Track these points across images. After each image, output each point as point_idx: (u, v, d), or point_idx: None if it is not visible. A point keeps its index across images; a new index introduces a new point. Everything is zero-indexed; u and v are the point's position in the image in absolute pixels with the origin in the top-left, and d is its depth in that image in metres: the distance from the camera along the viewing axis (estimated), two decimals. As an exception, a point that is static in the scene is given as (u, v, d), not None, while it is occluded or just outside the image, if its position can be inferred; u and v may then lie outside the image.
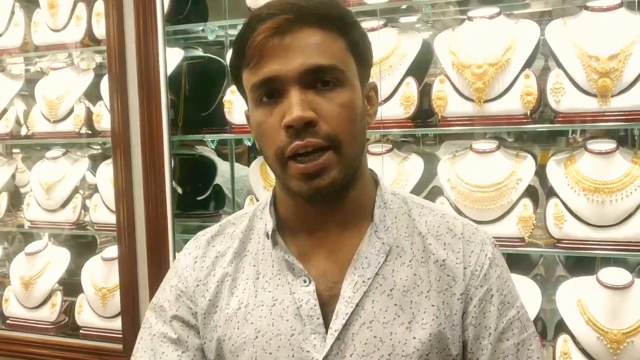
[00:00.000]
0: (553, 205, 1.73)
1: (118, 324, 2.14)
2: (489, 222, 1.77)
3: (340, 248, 0.92)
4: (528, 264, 2.01)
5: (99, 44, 2.25)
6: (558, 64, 1.73)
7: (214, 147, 2.29)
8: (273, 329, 0.91)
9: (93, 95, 2.32)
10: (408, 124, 1.86)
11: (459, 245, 0.94)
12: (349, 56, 0.89)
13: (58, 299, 2.31)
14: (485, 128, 1.83)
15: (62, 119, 2.33)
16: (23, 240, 2.63)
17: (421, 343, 0.87)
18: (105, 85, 2.16)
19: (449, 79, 1.82)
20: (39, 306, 2.32)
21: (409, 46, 1.88)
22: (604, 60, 1.63)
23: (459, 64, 1.78)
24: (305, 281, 0.91)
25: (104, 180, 2.26)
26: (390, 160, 1.92)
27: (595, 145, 1.71)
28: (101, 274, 2.25)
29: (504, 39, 1.76)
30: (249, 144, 2.36)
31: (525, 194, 1.76)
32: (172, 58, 2.10)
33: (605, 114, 1.65)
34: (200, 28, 2.18)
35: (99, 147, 2.60)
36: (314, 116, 0.84)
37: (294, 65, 0.84)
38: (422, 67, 1.94)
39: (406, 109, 1.84)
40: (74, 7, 2.30)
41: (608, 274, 1.66)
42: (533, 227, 1.74)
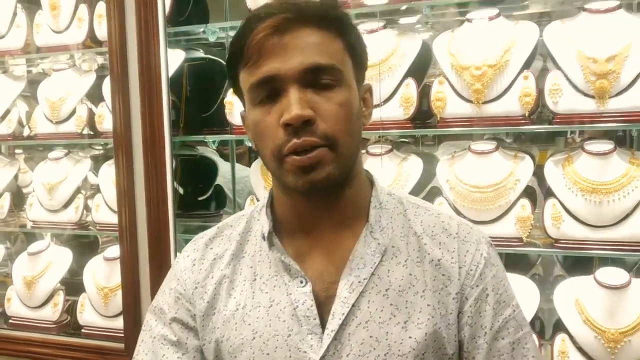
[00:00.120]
0: (551, 205, 1.74)
1: (120, 323, 2.15)
2: (487, 223, 1.78)
3: (336, 248, 0.93)
4: (526, 263, 2.02)
5: (100, 46, 2.25)
6: (556, 66, 1.73)
7: (215, 148, 2.30)
8: (270, 329, 0.91)
9: (95, 96, 2.32)
10: (407, 125, 1.87)
11: (454, 245, 0.94)
12: (347, 57, 0.90)
13: (60, 298, 2.32)
14: (484, 129, 1.84)
15: (64, 120, 2.34)
16: (25, 240, 2.64)
17: (417, 342, 0.88)
18: (107, 87, 2.17)
19: (448, 80, 1.82)
20: (41, 305, 2.33)
21: (408, 47, 1.89)
22: (601, 62, 1.64)
23: (458, 65, 1.79)
24: (301, 282, 0.91)
25: (106, 180, 2.27)
26: (390, 161, 1.93)
27: (592, 146, 1.72)
28: (103, 273, 2.26)
29: (503, 41, 1.76)
30: (250, 145, 2.36)
31: (523, 195, 1.77)
32: (173, 59, 2.11)
33: (603, 115, 1.66)
34: (201, 29, 2.19)
35: (101, 148, 2.61)
36: (312, 115, 0.84)
37: (294, 64, 0.85)
38: (422, 69, 1.94)
39: (405, 110, 1.85)
40: (75, 9, 2.31)
41: (605, 273, 1.66)
42: (531, 227, 1.75)
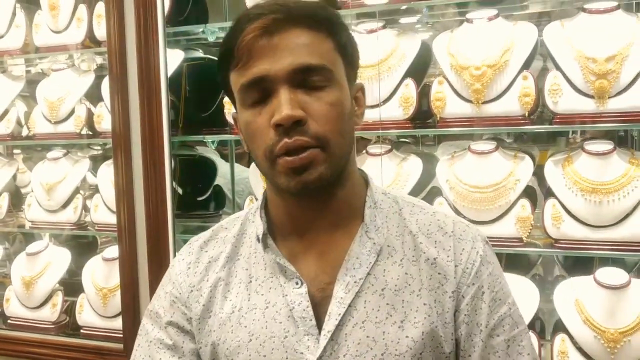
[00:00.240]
0: (551, 205, 1.73)
1: (119, 323, 2.14)
2: (487, 223, 1.77)
3: (332, 249, 0.93)
4: (526, 264, 2.02)
5: (99, 46, 2.25)
6: (556, 66, 1.73)
7: (214, 148, 2.29)
8: (266, 331, 0.91)
9: (94, 96, 2.32)
10: (407, 125, 1.87)
11: (449, 243, 0.94)
12: (337, 56, 0.90)
13: (59, 298, 2.32)
14: (484, 129, 1.84)
15: (63, 120, 2.34)
16: (24, 240, 2.64)
17: (414, 342, 0.88)
18: (105, 86, 2.17)
19: (447, 80, 1.82)
20: (40, 306, 2.33)
21: (408, 47, 1.89)
22: (601, 62, 1.64)
23: (457, 65, 1.79)
24: (297, 283, 0.91)
25: (105, 180, 2.27)
26: (390, 161, 1.93)
27: (592, 146, 1.71)
28: (102, 274, 2.25)
29: (503, 41, 1.76)
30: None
31: (523, 195, 1.77)
32: (173, 59, 2.10)
33: (603, 115, 1.66)
34: (201, 29, 2.18)
35: (100, 148, 2.61)
36: (303, 115, 0.84)
37: (283, 65, 0.84)
38: (421, 69, 1.94)
39: (405, 110, 1.85)
40: (74, 9, 2.31)
41: (605, 273, 1.66)
42: (531, 228, 1.74)
